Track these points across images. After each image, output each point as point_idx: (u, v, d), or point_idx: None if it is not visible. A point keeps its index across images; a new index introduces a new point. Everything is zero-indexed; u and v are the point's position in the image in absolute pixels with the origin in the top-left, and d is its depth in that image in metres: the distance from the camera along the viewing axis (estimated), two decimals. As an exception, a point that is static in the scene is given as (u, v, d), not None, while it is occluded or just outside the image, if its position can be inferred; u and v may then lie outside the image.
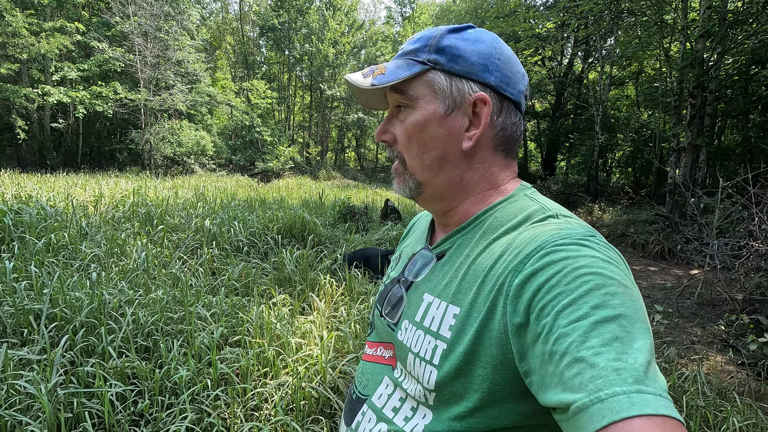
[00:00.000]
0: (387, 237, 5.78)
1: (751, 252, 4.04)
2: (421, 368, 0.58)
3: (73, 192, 7.08)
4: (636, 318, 0.43)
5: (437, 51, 0.62)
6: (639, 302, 0.46)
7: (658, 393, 0.38)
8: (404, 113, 0.65)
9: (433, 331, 0.59)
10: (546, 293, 0.47)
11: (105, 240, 4.12)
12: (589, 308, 0.43)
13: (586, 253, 0.49)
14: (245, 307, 2.99)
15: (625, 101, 17.64)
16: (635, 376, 0.38)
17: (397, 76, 0.62)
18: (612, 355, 0.40)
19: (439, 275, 0.64)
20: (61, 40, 14.73)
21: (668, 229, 7.36)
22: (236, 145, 20.90)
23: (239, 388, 2.08)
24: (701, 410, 2.32)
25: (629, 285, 0.47)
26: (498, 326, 0.52)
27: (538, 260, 0.50)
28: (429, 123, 0.62)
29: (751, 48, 8.04)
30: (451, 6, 22.32)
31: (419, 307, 0.63)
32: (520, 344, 0.49)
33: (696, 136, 7.71)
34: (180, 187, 10.12)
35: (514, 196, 0.64)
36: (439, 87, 0.62)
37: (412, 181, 0.66)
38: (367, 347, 0.77)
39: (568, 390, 0.40)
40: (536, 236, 0.54)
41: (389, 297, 0.72)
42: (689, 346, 3.61)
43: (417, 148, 0.64)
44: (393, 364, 0.68)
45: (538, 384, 0.45)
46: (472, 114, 0.63)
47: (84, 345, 2.27)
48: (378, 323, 0.74)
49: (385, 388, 0.67)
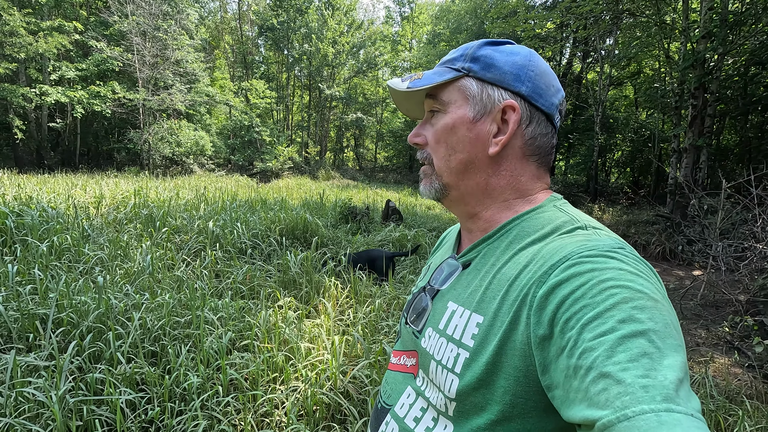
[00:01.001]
0: (389, 238, 5.76)
1: (755, 254, 4.05)
2: (443, 376, 0.58)
3: (73, 193, 7.04)
4: (666, 333, 0.42)
5: (472, 60, 0.65)
6: (671, 317, 0.44)
7: (690, 413, 0.36)
8: (436, 117, 0.67)
9: (456, 339, 0.58)
10: (571, 305, 0.46)
11: (108, 242, 4.09)
12: (615, 322, 0.42)
13: (613, 265, 0.48)
14: (252, 311, 2.97)
15: (624, 101, 17.68)
16: (664, 394, 0.36)
17: (431, 80, 0.65)
18: (640, 371, 0.38)
19: (464, 284, 0.64)
20: (59, 40, 14.64)
21: (669, 230, 7.38)
22: (235, 144, 20.84)
23: (250, 395, 2.07)
24: (712, 414, 2.32)
25: (660, 299, 0.45)
26: (521, 338, 0.51)
27: (563, 271, 0.49)
28: (458, 126, 0.64)
29: (751, 49, 8.06)
30: (450, 6, 22.29)
31: (443, 315, 0.63)
32: (543, 357, 0.48)
33: (697, 137, 7.73)
34: (181, 187, 10.08)
35: (543, 207, 0.64)
36: (470, 93, 0.64)
37: (438, 182, 0.68)
38: (392, 356, 0.77)
39: (594, 406, 0.39)
40: (562, 247, 0.53)
41: (415, 305, 0.73)
42: (694, 348, 3.61)
43: (445, 151, 0.66)
44: (415, 372, 0.68)
45: (562, 399, 0.44)
46: (501, 121, 0.64)
47: (92, 351, 2.24)
48: (404, 331, 0.75)
49: (407, 398, 0.67)
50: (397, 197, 11.79)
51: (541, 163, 0.67)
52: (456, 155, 0.65)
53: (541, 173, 0.68)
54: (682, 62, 8.22)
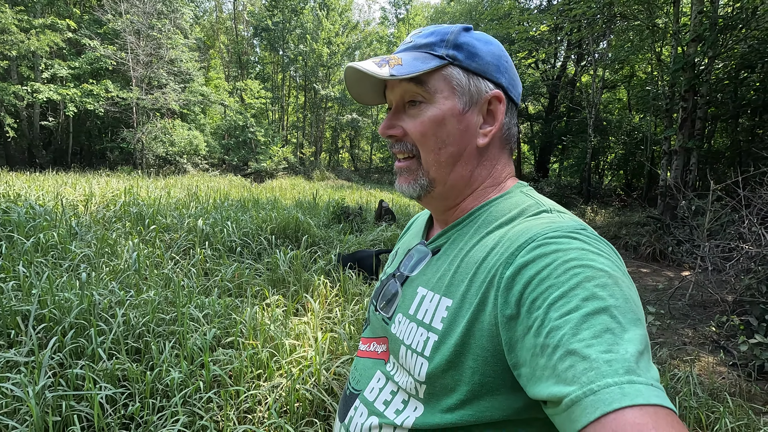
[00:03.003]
0: (381, 238, 5.76)
1: (741, 254, 4.09)
2: (413, 360, 0.59)
3: (63, 191, 6.98)
4: (627, 308, 0.43)
5: (455, 47, 0.63)
6: (630, 292, 0.46)
7: (650, 383, 0.37)
8: (418, 108, 0.63)
9: (426, 323, 0.59)
10: (537, 285, 0.47)
11: (95, 240, 4.06)
12: (579, 300, 0.43)
13: (576, 245, 0.49)
14: (238, 308, 2.96)
15: (617, 104, 17.81)
16: (626, 366, 0.38)
17: (418, 68, 0.60)
18: (603, 347, 0.39)
19: (434, 269, 0.64)
20: (51, 37, 14.54)
21: (660, 231, 7.43)
22: (229, 144, 20.77)
23: (232, 391, 2.05)
24: (694, 411, 2.34)
25: (620, 276, 0.47)
26: (489, 318, 0.52)
27: (528, 252, 0.50)
28: (447, 119, 0.62)
29: (741, 53, 8.15)
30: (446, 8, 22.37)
31: (413, 300, 0.64)
32: (510, 336, 0.49)
33: (687, 139, 7.80)
34: (172, 186, 10.02)
35: (510, 192, 0.65)
36: (457, 83, 0.62)
37: (424, 178, 0.65)
38: (361, 343, 0.77)
39: (561, 383, 0.40)
40: (528, 229, 0.54)
41: (384, 291, 0.72)
42: (681, 347, 3.63)
43: (434, 144, 0.63)
44: (386, 359, 0.68)
45: (528, 377, 0.45)
46: (486, 112, 0.64)
47: (73, 347, 2.22)
48: (373, 318, 0.75)
49: (377, 382, 0.67)
50: (390, 198, 11.79)
51: (510, 151, 0.69)
52: (446, 148, 0.63)
53: (510, 161, 0.70)
54: (672, 65, 8.30)
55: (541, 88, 17.53)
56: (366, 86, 0.68)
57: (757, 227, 3.99)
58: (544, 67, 17.79)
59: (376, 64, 0.62)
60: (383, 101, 0.70)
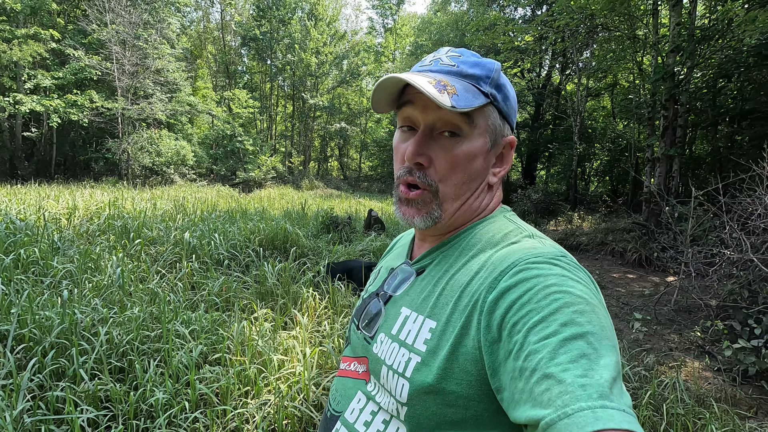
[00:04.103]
0: (371, 248, 5.75)
1: (723, 259, 4.16)
2: (394, 381, 0.59)
3: (45, 204, 6.84)
4: (603, 336, 0.44)
5: (497, 87, 0.64)
6: (606, 320, 0.47)
7: (622, 408, 0.38)
8: (453, 140, 0.61)
9: (408, 344, 0.59)
10: (518, 310, 0.48)
11: (78, 255, 3.98)
12: (558, 325, 0.44)
13: (556, 272, 0.51)
14: (226, 323, 2.91)
15: (601, 112, 18.14)
16: (600, 391, 0.39)
17: (472, 103, 0.59)
18: (579, 371, 0.41)
19: (418, 290, 0.64)
20: (34, 48, 14.33)
21: (645, 237, 7.55)
22: (217, 154, 20.61)
23: (219, 410, 2.02)
24: (681, 418, 2.36)
25: (596, 304, 0.48)
26: (472, 342, 0.52)
27: (511, 277, 0.52)
28: (478, 156, 0.63)
29: (718, 62, 8.39)
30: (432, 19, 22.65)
31: (396, 320, 0.64)
32: (493, 360, 0.49)
33: (669, 146, 7.98)
34: (159, 198, 9.89)
35: (494, 216, 0.67)
36: (492, 123, 0.64)
37: (438, 210, 0.64)
38: (341, 362, 0.76)
39: (538, 406, 0.41)
40: (511, 254, 0.56)
41: (366, 311, 0.72)
42: (667, 353, 3.68)
43: (459, 179, 0.62)
44: (366, 378, 0.67)
45: (509, 400, 0.46)
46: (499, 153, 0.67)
47: (54, 367, 2.16)
48: (354, 337, 0.74)
49: (357, 403, 0.66)
50: (380, 206, 11.80)
51: None
52: (468, 184, 0.64)
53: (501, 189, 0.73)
54: (653, 75, 8.50)
55: (527, 96, 17.81)
56: (384, 94, 0.63)
57: (738, 233, 4.07)
58: (529, 76, 18.09)
59: (432, 86, 0.57)
60: (389, 110, 0.67)
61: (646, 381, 2.89)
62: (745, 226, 4.25)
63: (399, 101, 0.65)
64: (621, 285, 6.09)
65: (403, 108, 0.64)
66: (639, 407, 2.39)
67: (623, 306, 5.06)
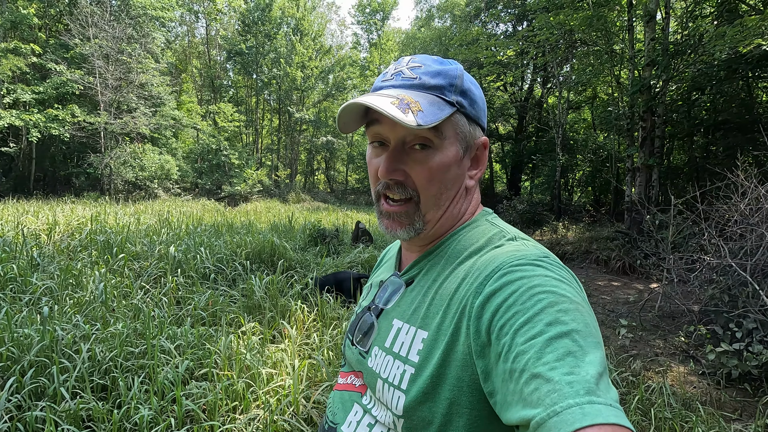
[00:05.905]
0: (359, 260, 5.73)
1: (703, 265, 4.27)
2: (390, 394, 0.59)
3: (24, 220, 6.66)
4: (587, 333, 0.45)
5: (462, 93, 0.63)
6: (590, 317, 0.48)
7: (609, 403, 0.39)
8: (425, 153, 0.62)
9: (402, 356, 0.59)
10: (504, 312, 0.49)
11: (59, 271, 3.87)
12: (543, 325, 0.45)
13: (540, 273, 0.51)
14: (212, 338, 2.86)
15: (582, 124, 18.60)
16: (587, 387, 0.39)
17: (438, 117, 0.59)
18: (566, 369, 0.41)
19: (408, 301, 0.65)
20: (14, 62, 14.12)
21: (628, 245, 7.70)
22: (202, 168, 20.42)
23: (206, 426, 1.97)
24: (669, 422, 2.39)
25: (580, 302, 0.49)
26: (463, 348, 0.53)
27: (496, 281, 0.52)
28: (452, 165, 0.63)
29: (692, 76, 8.73)
30: (416, 34, 23.08)
31: (389, 333, 0.64)
32: (485, 364, 0.50)
33: (648, 156, 8.21)
34: (143, 212, 9.73)
35: (476, 221, 0.68)
36: (461, 130, 0.64)
37: (420, 221, 0.65)
38: (339, 377, 0.77)
39: (528, 406, 0.41)
40: (495, 258, 0.56)
41: (360, 325, 0.72)
42: (653, 358, 3.73)
43: (437, 189, 0.63)
44: (363, 392, 0.68)
45: (501, 403, 0.46)
46: (473, 155, 0.67)
47: (33, 387, 2.09)
48: (349, 353, 0.74)
49: (354, 416, 0.66)
50: (367, 219, 11.79)
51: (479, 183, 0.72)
52: (447, 192, 0.65)
53: (479, 191, 0.73)
54: (630, 88, 8.79)
55: (510, 109, 18.19)
56: (350, 117, 0.64)
57: (716, 239, 4.19)
58: (512, 90, 18.50)
59: (396, 106, 0.57)
60: (358, 128, 0.68)
61: (634, 386, 2.92)
62: (722, 232, 4.38)
63: (366, 119, 0.65)
64: (606, 292, 6.18)
65: (371, 126, 0.64)
66: (628, 412, 2.41)
67: (609, 313, 5.12)
